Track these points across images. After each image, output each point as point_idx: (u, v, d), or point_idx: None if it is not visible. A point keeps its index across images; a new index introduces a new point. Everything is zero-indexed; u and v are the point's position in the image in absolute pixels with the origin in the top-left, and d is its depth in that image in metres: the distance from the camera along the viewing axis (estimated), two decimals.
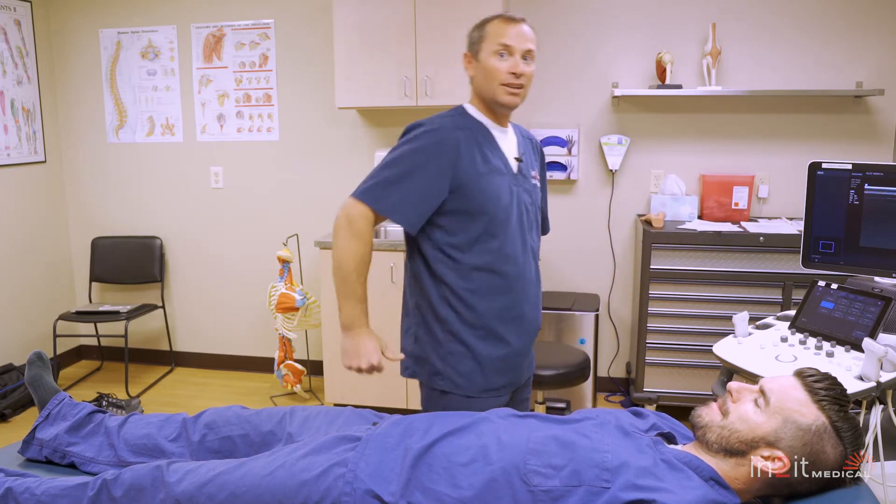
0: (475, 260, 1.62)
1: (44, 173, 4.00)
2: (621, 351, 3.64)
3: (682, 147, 3.41)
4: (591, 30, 3.41)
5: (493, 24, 1.62)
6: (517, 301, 1.67)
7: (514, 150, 1.71)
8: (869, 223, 2.09)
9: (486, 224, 1.61)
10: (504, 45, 1.59)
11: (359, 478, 1.27)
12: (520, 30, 1.61)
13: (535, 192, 1.74)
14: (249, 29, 3.74)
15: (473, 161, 1.60)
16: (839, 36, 3.20)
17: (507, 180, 1.65)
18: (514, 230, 1.65)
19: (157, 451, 1.56)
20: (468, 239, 1.61)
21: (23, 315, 3.86)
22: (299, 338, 3.85)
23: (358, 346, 1.62)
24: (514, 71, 1.59)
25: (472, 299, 1.63)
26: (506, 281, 1.64)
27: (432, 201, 1.58)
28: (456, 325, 1.65)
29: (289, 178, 3.83)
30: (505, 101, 1.61)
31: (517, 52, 1.59)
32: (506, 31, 1.60)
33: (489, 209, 1.60)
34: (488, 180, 1.60)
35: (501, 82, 1.59)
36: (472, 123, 1.65)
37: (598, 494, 1.15)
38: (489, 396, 1.69)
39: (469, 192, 1.58)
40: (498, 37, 1.60)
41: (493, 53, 1.60)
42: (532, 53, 1.62)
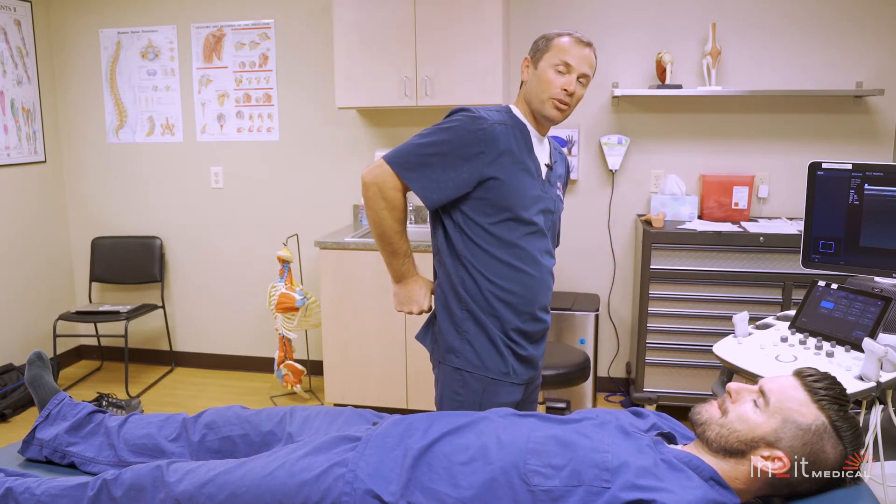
0: (495, 249, 1.67)
1: (44, 173, 4.00)
2: (621, 351, 3.64)
3: (682, 147, 3.41)
4: (591, 30, 3.41)
5: (563, 40, 1.66)
6: (530, 298, 1.71)
7: (546, 157, 1.76)
8: (869, 223, 2.09)
9: (509, 217, 1.66)
10: (566, 63, 1.64)
11: (359, 478, 1.27)
12: (585, 53, 1.65)
13: (558, 203, 1.80)
14: (249, 29, 3.74)
15: (509, 156, 1.64)
16: (839, 36, 3.20)
17: (536, 183, 1.70)
18: (535, 230, 1.70)
19: (157, 451, 1.56)
20: (490, 228, 1.66)
21: (23, 315, 3.86)
22: (299, 338, 3.85)
23: (410, 293, 1.77)
24: (567, 88, 1.64)
25: (489, 285, 1.67)
26: (522, 276, 1.68)
27: (459, 186, 1.62)
28: (472, 304, 1.69)
29: (289, 178, 3.83)
30: (550, 114, 1.67)
31: (575, 73, 1.64)
32: (571, 50, 1.64)
33: (514, 204, 1.65)
34: (519, 178, 1.65)
35: (552, 96, 1.65)
36: (516, 122, 1.70)
37: (598, 494, 1.15)
38: (504, 381, 1.71)
39: (497, 184, 1.63)
40: (563, 53, 1.64)
41: (553, 66, 1.65)
42: (588, 78, 1.68)
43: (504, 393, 1.71)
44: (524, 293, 1.69)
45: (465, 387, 1.70)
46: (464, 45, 3.13)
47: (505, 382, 1.71)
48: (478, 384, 1.69)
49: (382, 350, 3.23)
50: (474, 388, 1.70)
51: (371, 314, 3.20)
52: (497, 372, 1.70)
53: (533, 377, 1.81)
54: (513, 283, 1.67)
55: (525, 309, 1.70)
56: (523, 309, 1.70)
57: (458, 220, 1.67)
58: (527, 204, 1.66)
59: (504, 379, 1.71)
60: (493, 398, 1.69)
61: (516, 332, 1.71)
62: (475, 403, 1.69)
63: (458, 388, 1.71)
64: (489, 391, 1.69)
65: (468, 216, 1.66)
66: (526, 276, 1.68)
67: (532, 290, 1.70)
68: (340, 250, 3.20)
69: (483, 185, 1.63)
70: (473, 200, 1.65)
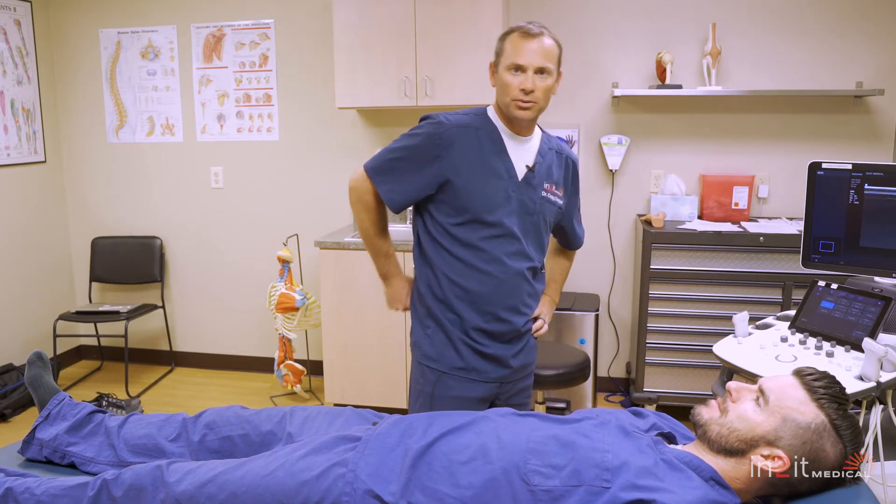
0: (457, 249, 1.70)
1: (44, 173, 4.00)
2: (621, 351, 3.64)
3: (682, 147, 3.41)
4: (591, 30, 3.41)
5: (511, 40, 1.65)
6: (492, 298, 1.72)
7: (527, 158, 1.73)
8: (869, 223, 2.09)
9: (471, 219, 1.68)
10: (517, 65, 1.63)
11: (359, 478, 1.27)
12: (533, 47, 1.62)
13: (545, 205, 1.76)
14: (249, 29, 3.74)
15: (468, 159, 1.66)
16: (839, 36, 3.20)
17: (505, 184, 1.69)
18: (501, 233, 1.69)
19: (157, 451, 1.56)
20: (452, 229, 1.70)
21: (23, 315, 3.86)
22: (299, 338, 3.85)
23: (394, 293, 1.86)
24: (524, 88, 1.62)
25: (450, 284, 1.72)
26: (483, 276, 1.70)
27: (420, 188, 1.69)
28: (433, 302, 1.75)
29: (289, 178, 3.83)
30: (517, 115, 1.66)
31: (530, 69, 1.62)
32: (520, 48, 1.62)
33: (474, 206, 1.67)
34: (481, 181, 1.67)
35: (512, 98, 1.64)
36: (484, 125, 1.71)
37: (598, 494, 1.15)
38: (458, 375, 1.75)
39: (456, 187, 1.67)
40: (512, 55, 1.63)
41: (508, 69, 1.64)
42: (548, 69, 1.63)
43: (458, 387, 1.75)
44: (485, 293, 1.71)
45: (423, 377, 1.79)
46: (464, 46, 3.13)
47: (459, 377, 1.75)
48: (432, 375, 1.77)
49: (382, 350, 3.23)
50: (429, 378, 1.77)
51: (371, 314, 3.20)
52: (450, 367, 1.75)
53: (506, 376, 1.80)
54: (474, 282, 1.70)
55: (487, 308, 1.72)
56: (485, 308, 1.72)
57: (427, 220, 1.74)
58: (490, 206, 1.67)
59: (459, 374, 1.75)
60: (445, 391, 1.75)
61: (477, 331, 1.73)
62: (428, 394, 1.77)
63: (418, 378, 1.81)
64: (442, 383, 1.75)
65: (434, 217, 1.72)
66: (487, 276, 1.70)
67: (495, 290, 1.71)
68: (340, 250, 3.20)
69: (443, 188, 1.68)
70: (437, 202, 1.71)
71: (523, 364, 1.85)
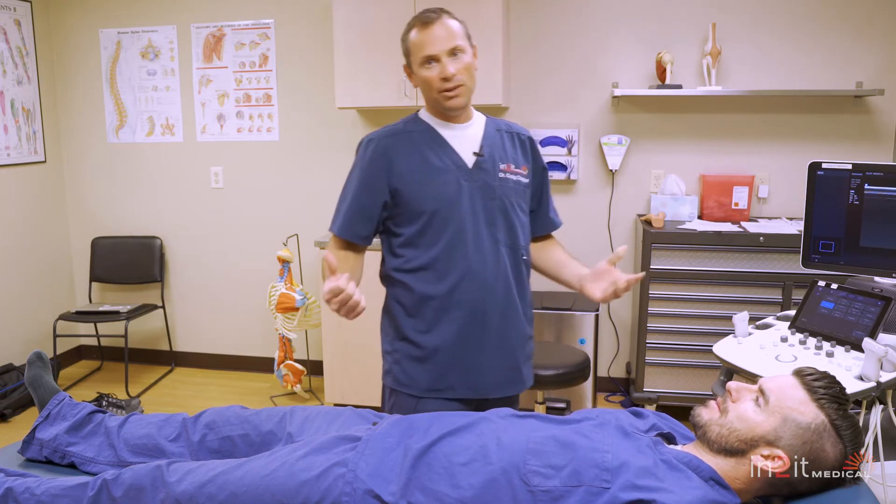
0: (420, 258, 1.65)
1: (44, 173, 4.00)
2: (621, 351, 3.64)
3: (682, 147, 3.41)
4: (591, 30, 3.41)
5: (412, 36, 1.61)
6: (467, 296, 1.63)
7: (473, 145, 1.67)
8: (869, 223, 2.09)
9: (427, 223, 1.63)
10: (426, 57, 1.57)
11: (359, 478, 1.27)
12: (435, 33, 1.56)
13: (506, 186, 1.67)
14: (249, 29, 3.74)
15: (408, 163, 1.63)
16: (839, 36, 3.20)
17: (454, 176, 1.63)
18: (465, 225, 1.63)
19: (157, 451, 1.56)
20: (412, 238, 1.65)
21: (23, 315, 3.86)
22: (299, 338, 3.85)
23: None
24: (444, 76, 1.56)
25: (414, 297, 1.66)
26: (451, 276, 1.63)
27: (372, 211, 1.66)
28: (401, 322, 1.70)
29: (289, 178, 3.83)
30: (449, 105, 1.61)
31: (442, 56, 1.56)
32: (423, 40, 1.58)
33: (428, 207, 1.62)
34: (427, 180, 1.63)
35: (438, 90, 1.59)
36: (417, 128, 1.68)
37: (598, 494, 1.15)
38: (436, 398, 1.66)
39: (405, 194, 1.63)
40: (419, 49, 1.59)
41: (422, 66, 1.59)
42: (459, 47, 1.57)
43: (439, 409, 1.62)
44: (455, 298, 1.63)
45: (398, 407, 1.69)
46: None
47: (438, 399, 1.66)
48: (409, 404, 1.67)
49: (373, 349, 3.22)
50: (407, 406, 1.67)
51: (371, 314, 3.19)
52: (424, 390, 1.66)
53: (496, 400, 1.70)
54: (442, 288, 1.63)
55: (458, 310, 1.64)
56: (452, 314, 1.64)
57: (388, 239, 1.70)
58: (445, 201, 1.61)
59: (436, 398, 1.66)
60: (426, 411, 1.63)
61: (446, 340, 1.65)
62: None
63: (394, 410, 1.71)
64: (421, 407, 1.65)
65: (394, 232, 1.68)
66: (456, 275, 1.62)
67: (467, 286, 1.63)
68: None
69: (395, 200, 1.64)
70: (394, 216, 1.66)
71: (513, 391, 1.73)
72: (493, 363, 1.68)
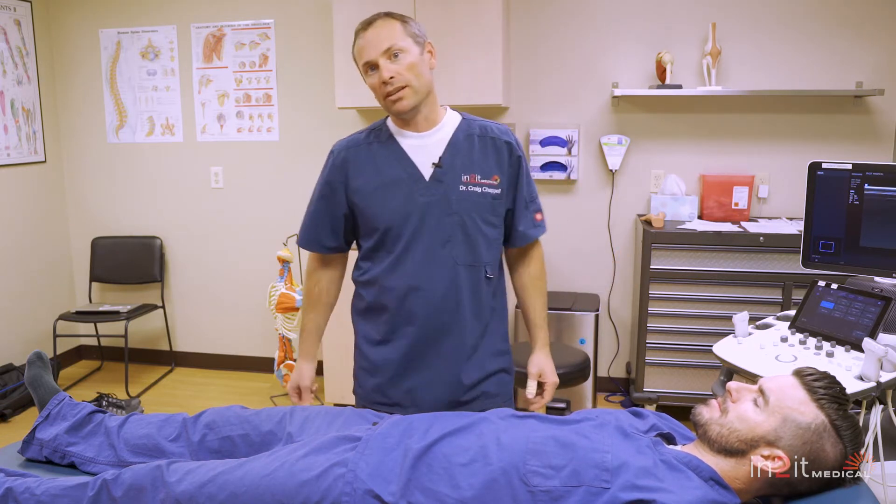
0: (373, 271, 1.63)
1: (44, 173, 4.00)
2: (621, 351, 3.64)
3: (682, 147, 3.41)
4: (591, 30, 3.41)
5: (354, 45, 1.55)
6: (413, 314, 1.60)
7: (435, 154, 1.58)
8: (869, 223, 2.09)
9: (381, 238, 1.60)
10: (367, 63, 1.52)
11: (359, 478, 1.27)
12: (370, 36, 1.50)
13: (466, 200, 1.58)
14: (249, 29, 3.74)
15: (363, 176, 1.60)
16: (839, 36, 3.20)
17: (407, 189, 1.57)
18: (415, 241, 1.57)
19: (157, 451, 1.56)
20: (368, 252, 1.65)
21: (23, 315, 3.86)
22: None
23: (296, 375, 1.81)
24: (383, 80, 1.50)
25: (367, 309, 1.67)
26: (396, 292, 1.60)
27: (334, 222, 1.67)
28: (357, 330, 1.72)
29: (289, 178, 3.83)
30: (395, 109, 1.54)
31: (379, 59, 1.50)
32: (360, 47, 1.53)
33: (381, 224, 1.58)
34: (380, 194, 1.58)
35: (382, 96, 1.53)
36: (378, 135, 1.63)
37: (598, 495, 1.15)
38: (378, 406, 1.67)
39: (360, 209, 1.61)
40: (359, 57, 1.54)
41: (364, 73, 1.55)
42: (397, 47, 1.49)
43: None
44: (397, 315, 1.62)
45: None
46: (464, 46, 3.13)
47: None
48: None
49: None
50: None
51: None
52: (371, 403, 1.70)
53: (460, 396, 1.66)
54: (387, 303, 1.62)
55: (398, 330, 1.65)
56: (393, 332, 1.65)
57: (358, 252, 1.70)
58: (398, 217, 1.57)
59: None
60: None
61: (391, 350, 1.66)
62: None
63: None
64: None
65: (359, 245, 1.68)
66: (399, 293, 1.59)
67: (411, 305, 1.61)
68: None
69: (354, 213, 1.64)
70: (358, 230, 1.66)
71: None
72: (436, 382, 1.63)
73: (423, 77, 1.53)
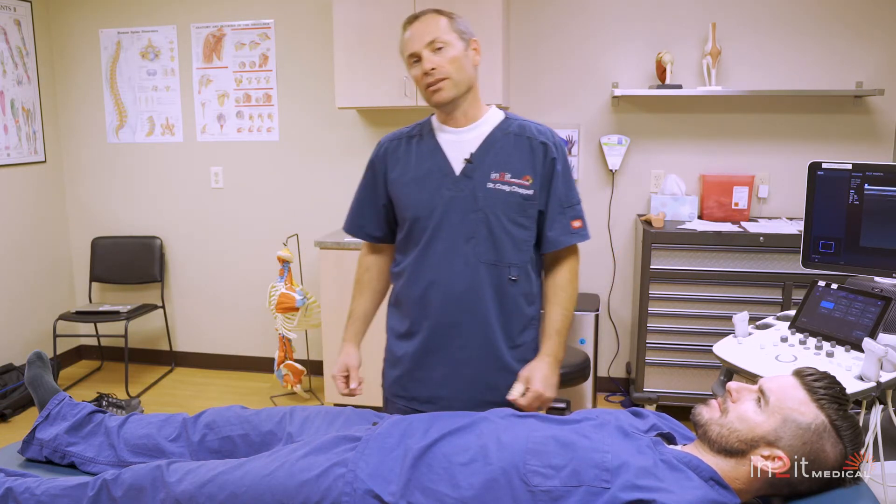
0: (402, 263, 1.67)
1: (44, 173, 4.00)
2: (621, 351, 3.64)
3: (682, 147, 3.41)
4: (591, 30, 3.41)
5: (402, 35, 1.60)
6: (433, 309, 1.60)
7: (469, 149, 1.59)
8: (869, 223, 2.09)
9: (410, 230, 1.64)
10: (410, 56, 1.57)
11: (359, 478, 1.27)
12: (415, 29, 1.55)
13: (493, 198, 1.56)
14: (249, 29, 3.74)
15: (399, 168, 1.65)
16: (839, 36, 3.20)
17: (436, 183, 1.59)
18: (438, 235, 1.59)
19: (157, 451, 1.56)
20: (400, 244, 1.69)
21: (23, 315, 3.86)
22: (299, 338, 3.85)
23: (340, 359, 1.84)
24: (425, 70, 1.54)
25: (396, 301, 1.72)
26: (419, 286, 1.62)
27: (376, 211, 1.71)
28: (386, 327, 1.77)
29: (289, 178, 3.83)
30: (435, 100, 1.57)
31: (422, 51, 1.54)
32: (407, 40, 1.57)
33: (409, 215, 1.62)
34: (411, 187, 1.62)
35: (423, 87, 1.57)
36: (421, 130, 1.67)
37: (598, 494, 1.15)
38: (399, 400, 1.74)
39: (395, 200, 1.67)
40: (404, 49, 1.59)
41: (408, 65, 1.59)
42: (439, 40, 1.52)
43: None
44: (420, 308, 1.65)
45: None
46: None
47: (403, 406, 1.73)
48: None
49: (382, 351, 3.22)
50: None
51: None
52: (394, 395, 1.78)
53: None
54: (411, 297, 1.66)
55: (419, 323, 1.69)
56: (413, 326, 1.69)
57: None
58: (425, 210, 1.59)
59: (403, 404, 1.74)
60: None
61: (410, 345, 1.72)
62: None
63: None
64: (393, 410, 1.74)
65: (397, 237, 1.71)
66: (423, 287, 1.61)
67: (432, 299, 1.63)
68: (340, 250, 3.20)
69: (392, 202, 1.68)
70: (397, 222, 1.70)
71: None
72: (456, 379, 1.63)
73: (465, 72, 1.56)
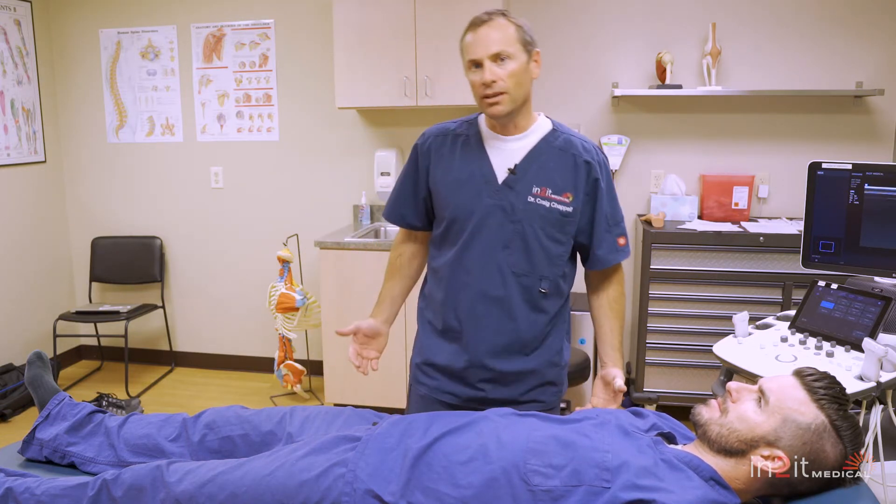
0: (438, 260, 1.68)
1: (44, 173, 4.00)
2: None
3: (682, 147, 3.41)
4: (591, 30, 3.41)
5: (465, 38, 1.54)
6: (462, 313, 1.62)
7: (514, 159, 1.59)
8: (869, 223, 2.09)
9: (447, 228, 1.64)
10: (471, 61, 1.52)
11: (359, 478, 1.27)
12: (482, 35, 1.49)
13: (532, 211, 1.57)
14: (249, 29, 3.74)
15: (443, 166, 1.64)
16: (839, 36, 3.20)
17: (477, 189, 1.58)
18: (475, 240, 1.59)
19: (157, 451, 1.56)
20: (436, 239, 1.69)
21: (23, 315, 3.86)
22: (299, 338, 3.85)
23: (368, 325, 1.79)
24: (484, 81, 1.49)
25: (427, 297, 1.73)
26: (452, 287, 1.63)
27: (416, 200, 1.71)
28: (418, 310, 1.77)
29: (289, 178, 3.83)
30: (490, 112, 1.54)
31: (485, 60, 1.49)
32: (471, 43, 1.52)
33: (447, 214, 1.62)
34: (453, 188, 1.61)
35: (479, 97, 1.54)
36: (468, 129, 1.65)
37: (598, 494, 1.15)
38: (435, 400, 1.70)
39: (434, 196, 1.66)
40: (466, 52, 1.54)
41: (468, 69, 1.54)
42: (505, 53, 1.49)
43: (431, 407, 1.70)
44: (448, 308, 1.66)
45: (411, 402, 1.79)
46: None
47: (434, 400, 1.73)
48: (414, 400, 1.77)
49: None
50: (414, 402, 1.77)
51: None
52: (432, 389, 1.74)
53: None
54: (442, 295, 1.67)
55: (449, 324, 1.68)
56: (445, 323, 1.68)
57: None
58: (463, 212, 1.59)
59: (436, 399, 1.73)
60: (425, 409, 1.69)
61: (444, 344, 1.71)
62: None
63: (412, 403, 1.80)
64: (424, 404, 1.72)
65: (433, 229, 1.71)
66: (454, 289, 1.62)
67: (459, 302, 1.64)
68: (340, 250, 3.20)
69: (431, 196, 1.68)
70: (434, 214, 1.70)
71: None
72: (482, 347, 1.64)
73: (523, 87, 1.55)
